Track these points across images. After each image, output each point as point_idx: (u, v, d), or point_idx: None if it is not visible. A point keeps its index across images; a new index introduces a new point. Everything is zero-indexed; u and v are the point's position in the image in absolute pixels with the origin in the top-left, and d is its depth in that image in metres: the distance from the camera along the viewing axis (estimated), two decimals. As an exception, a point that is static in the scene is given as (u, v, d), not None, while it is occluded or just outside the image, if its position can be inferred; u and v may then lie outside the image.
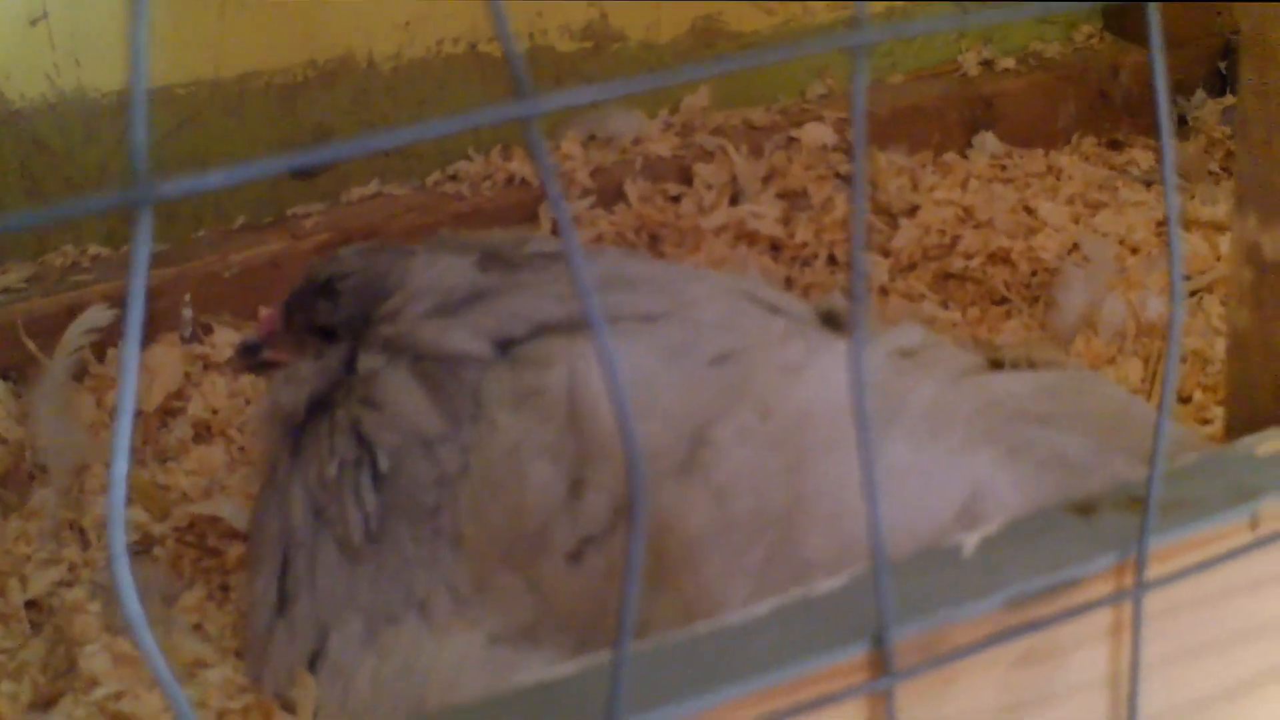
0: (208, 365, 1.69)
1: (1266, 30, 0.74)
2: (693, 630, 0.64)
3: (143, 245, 0.46)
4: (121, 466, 0.48)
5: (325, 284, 1.22)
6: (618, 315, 1.08)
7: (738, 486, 0.96)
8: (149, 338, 1.69)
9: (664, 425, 1.00)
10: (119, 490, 0.48)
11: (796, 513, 0.94)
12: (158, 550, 1.45)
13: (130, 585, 0.49)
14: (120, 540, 0.48)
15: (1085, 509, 0.70)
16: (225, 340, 1.70)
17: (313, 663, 1.15)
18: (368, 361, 1.16)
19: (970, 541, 0.68)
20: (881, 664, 0.62)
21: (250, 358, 1.31)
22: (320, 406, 1.19)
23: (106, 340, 1.66)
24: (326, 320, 1.21)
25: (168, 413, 1.64)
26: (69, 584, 1.39)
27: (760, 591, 0.92)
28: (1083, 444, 0.94)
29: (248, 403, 1.63)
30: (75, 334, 1.59)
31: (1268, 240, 0.78)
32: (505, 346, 1.12)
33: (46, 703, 1.19)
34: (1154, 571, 0.68)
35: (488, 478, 1.07)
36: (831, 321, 1.12)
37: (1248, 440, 0.75)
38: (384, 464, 1.12)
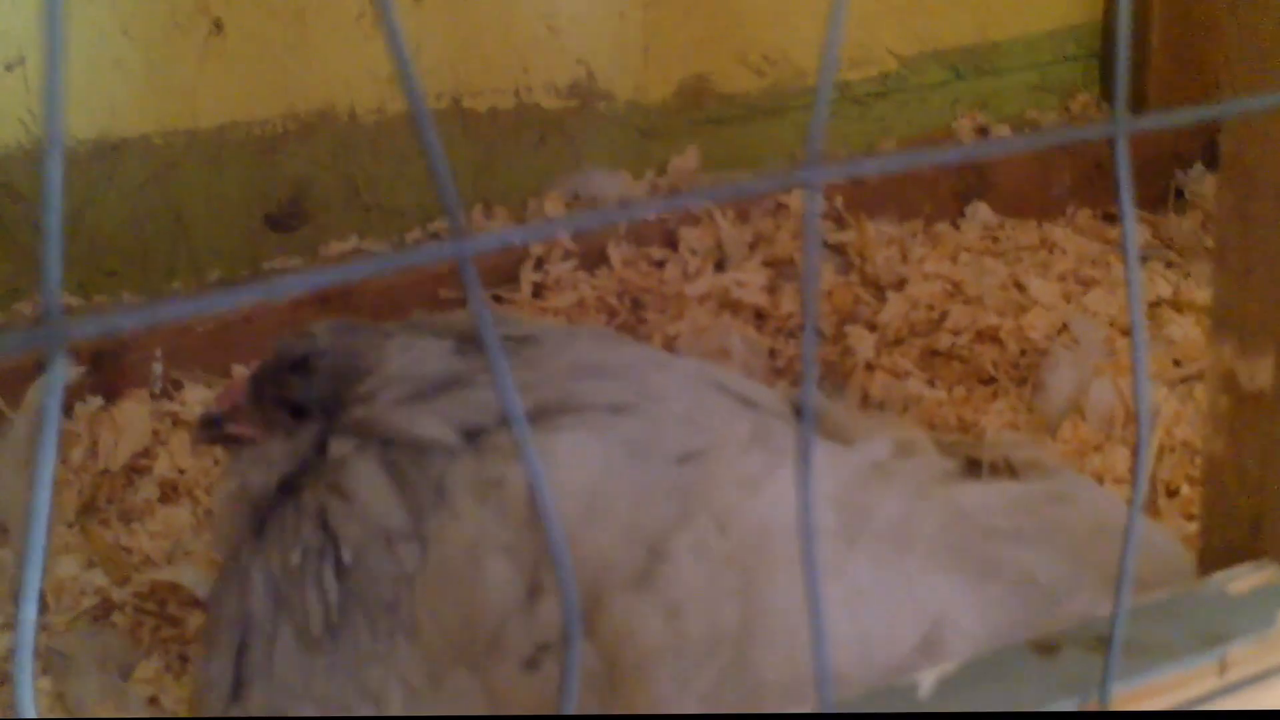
0: (176, 422, 1.66)
1: (1246, 153, 0.71)
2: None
3: (57, 381, 0.44)
4: (31, 610, 0.46)
5: (300, 360, 1.19)
6: (584, 404, 1.05)
7: (692, 604, 0.92)
8: (118, 392, 1.66)
9: (621, 534, 0.96)
10: (27, 639, 0.45)
11: (751, 633, 0.90)
12: (117, 616, 1.42)
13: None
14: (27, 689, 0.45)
15: (1047, 648, 0.68)
16: (195, 397, 1.67)
17: None
18: (339, 446, 1.13)
19: (927, 680, 0.65)
20: (824, 818, 0.59)
21: (212, 430, 1.27)
22: (288, 489, 1.16)
23: (74, 396, 1.63)
24: (299, 397, 1.17)
25: (134, 470, 1.61)
26: (24, 648, 1.35)
27: (712, 711, 0.89)
28: (1054, 564, 0.91)
29: (215, 463, 1.60)
30: (39, 391, 1.56)
31: (1244, 369, 0.75)
32: (474, 436, 1.09)
33: (-16, 782, 1.16)
34: (1117, 717, 0.65)
35: (445, 570, 1.04)
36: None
37: (1220, 576, 0.73)
38: (347, 556, 1.08)
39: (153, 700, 1.30)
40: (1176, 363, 1.63)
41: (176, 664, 1.36)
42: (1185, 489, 1.41)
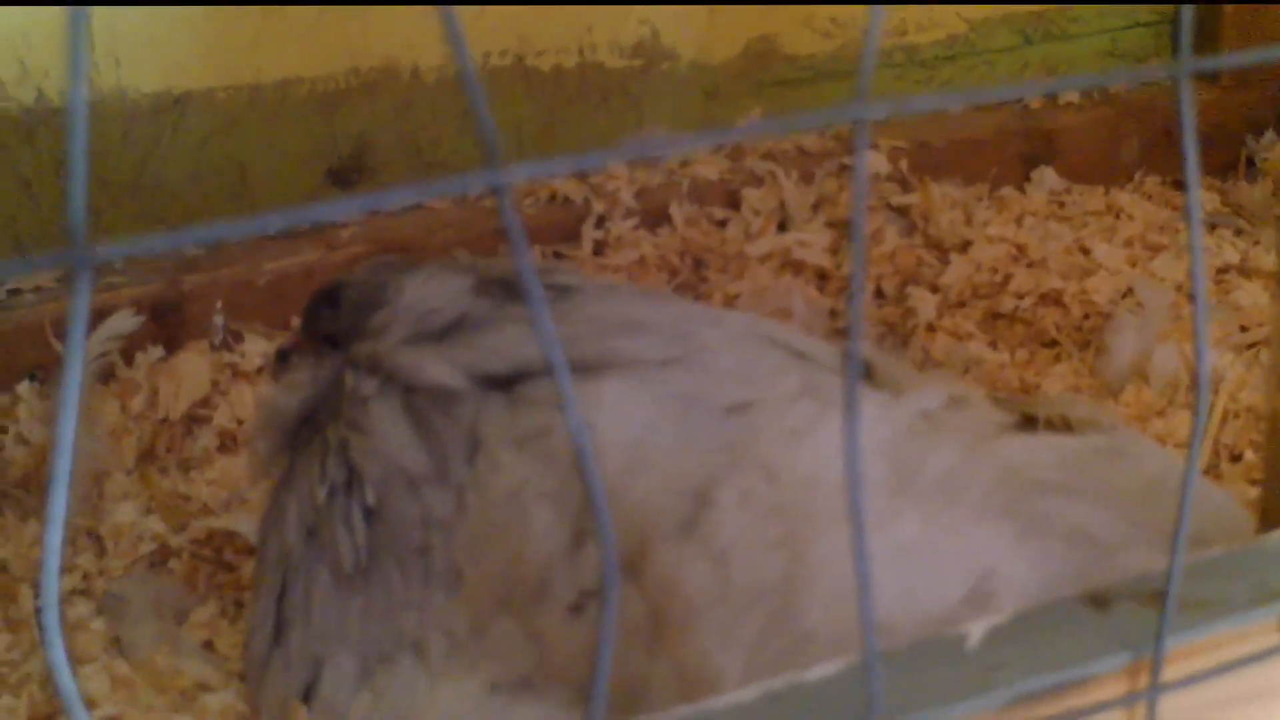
0: (236, 374, 1.66)
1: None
2: (677, 713, 0.60)
3: (81, 304, 0.44)
4: (56, 537, 0.46)
5: (331, 292, 1.20)
6: (627, 359, 1.04)
7: (738, 553, 0.92)
8: (179, 343, 1.67)
9: (666, 482, 0.96)
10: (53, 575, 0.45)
11: (797, 583, 0.90)
12: (173, 562, 1.43)
13: (65, 664, 0.46)
14: (55, 625, 0.45)
15: (1100, 601, 0.66)
16: (255, 349, 1.67)
17: (307, 695, 1.12)
18: (356, 382, 1.14)
19: (976, 632, 0.64)
20: (869, 764, 0.58)
21: (282, 364, 1.29)
22: (313, 418, 1.17)
23: (135, 345, 1.64)
24: (328, 328, 1.19)
25: (193, 420, 1.61)
26: (82, 592, 1.37)
27: (756, 661, 0.88)
28: (1107, 520, 0.90)
29: (275, 414, 1.61)
30: (99, 340, 1.57)
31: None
32: (485, 382, 1.09)
33: (44, 720, 1.17)
34: (1170, 672, 0.63)
35: (488, 520, 1.04)
36: (865, 369, 1.08)
37: (1278, 534, 0.71)
38: (370, 497, 1.09)
39: (207, 645, 1.31)
40: (1243, 328, 1.60)
41: (231, 609, 1.37)
42: (1249, 454, 1.39)
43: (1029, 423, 1.02)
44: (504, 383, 1.08)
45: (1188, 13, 0.58)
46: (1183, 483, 0.72)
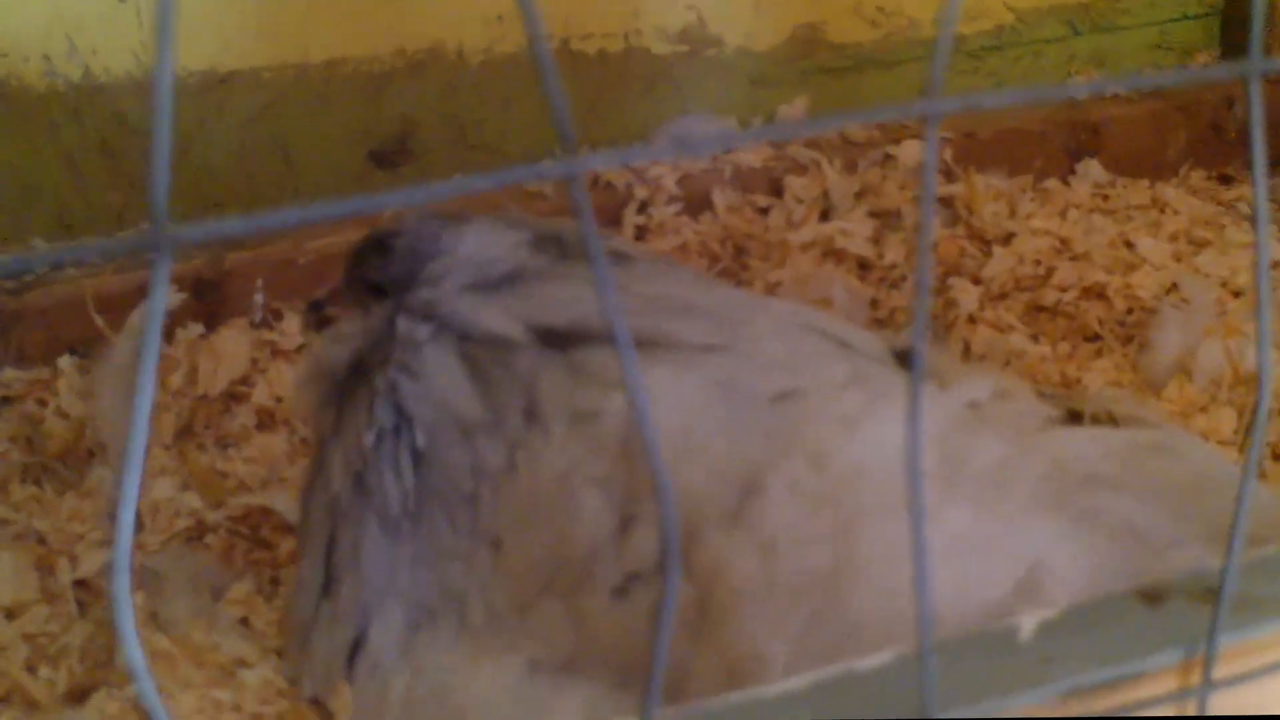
0: (275, 352, 1.67)
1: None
2: (726, 700, 0.60)
3: (161, 285, 0.44)
4: (129, 515, 0.46)
5: (380, 241, 1.20)
6: (675, 341, 1.04)
7: (786, 543, 0.91)
8: (219, 320, 1.68)
9: (713, 469, 0.95)
10: (126, 534, 0.45)
11: (845, 574, 0.89)
12: (210, 538, 1.43)
13: (132, 628, 0.46)
14: (124, 587, 0.45)
15: (1153, 597, 0.66)
16: (295, 328, 1.68)
17: (353, 652, 1.12)
18: (406, 325, 1.13)
19: (1028, 624, 0.63)
20: (920, 754, 0.58)
21: (316, 314, 1.29)
22: (362, 368, 1.17)
23: (175, 323, 1.64)
24: (377, 276, 1.18)
25: (232, 398, 1.62)
26: (120, 568, 1.37)
27: (803, 652, 0.88)
28: (1157, 516, 0.89)
29: (313, 393, 1.61)
30: (142, 315, 1.57)
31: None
32: (544, 336, 1.08)
33: (82, 692, 1.17)
34: (1222, 671, 0.63)
35: (535, 497, 1.04)
36: (906, 360, 1.08)
37: (1337, 531, 0.71)
38: (420, 440, 1.09)
39: (243, 621, 1.31)
40: (1287, 327, 1.59)
41: (268, 587, 1.37)
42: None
43: (1074, 417, 1.01)
44: (561, 339, 1.08)
45: (1259, 9, 0.58)
46: (1235, 479, 0.71)
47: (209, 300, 1.67)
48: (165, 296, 0.45)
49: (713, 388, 1.00)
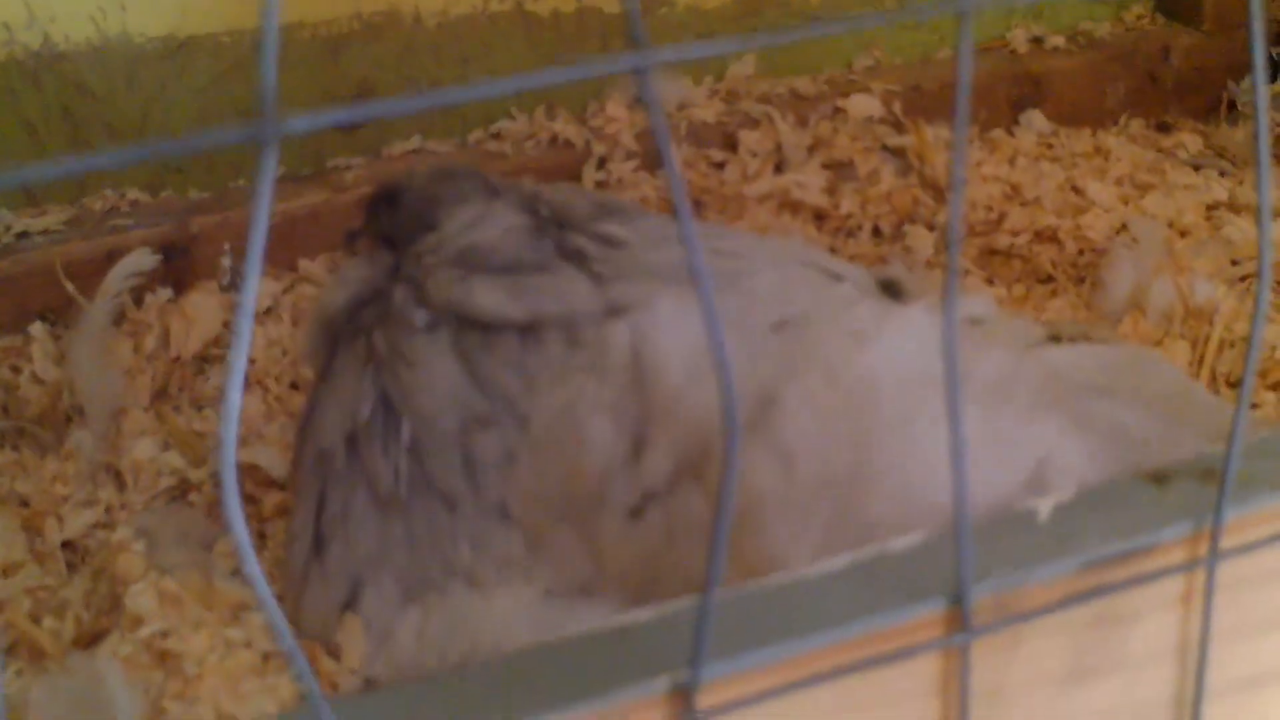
0: (246, 314, 1.68)
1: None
2: (771, 581, 0.64)
3: (267, 177, 0.47)
4: (238, 379, 0.48)
5: (390, 193, 1.23)
6: (678, 278, 1.07)
7: (804, 448, 0.95)
8: (187, 284, 1.69)
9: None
10: (235, 391, 0.48)
11: (862, 479, 0.93)
12: (194, 496, 1.45)
13: (235, 492, 0.48)
14: (231, 441, 0.48)
15: (1160, 478, 0.70)
16: (263, 290, 1.69)
17: (344, 610, 1.14)
18: (402, 300, 1.15)
19: (1045, 506, 0.67)
20: (957, 621, 0.62)
21: (351, 244, 1.32)
22: (357, 317, 1.19)
23: (145, 286, 1.65)
24: (386, 229, 1.21)
25: (205, 360, 1.63)
26: (106, 526, 1.39)
27: (824, 553, 0.91)
28: (1145, 419, 0.93)
29: (284, 353, 1.63)
30: (117, 277, 1.58)
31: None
32: (538, 322, 1.11)
33: (90, 639, 1.18)
34: (1226, 543, 0.67)
35: (544, 440, 1.06)
36: (891, 290, 1.11)
37: (1321, 418, 0.75)
38: (409, 434, 1.11)
39: (234, 573, 1.33)
40: (1234, 262, 1.64)
41: (255, 541, 1.39)
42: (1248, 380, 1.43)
43: (1055, 340, 1.06)
44: (556, 324, 1.10)
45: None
46: (1208, 393, 0.75)
47: (177, 265, 1.69)
48: (271, 187, 0.48)
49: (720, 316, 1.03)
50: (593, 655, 0.59)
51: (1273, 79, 2.09)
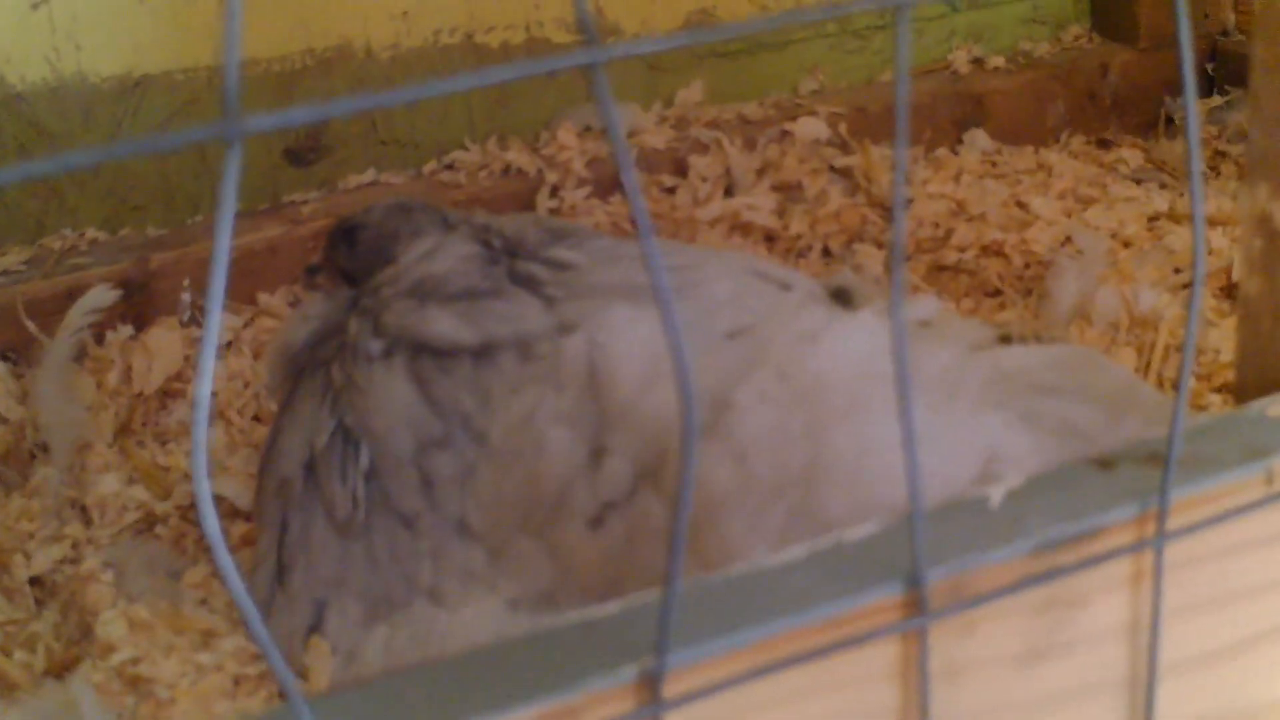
0: (207, 348, 1.69)
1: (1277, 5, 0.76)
2: (733, 571, 0.66)
3: (231, 176, 0.48)
4: (206, 388, 0.50)
5: (349, 229, 1.25)
6: (632, 289, 1.09)
7: (759, 447, 0.97)
8: (147, 320, 1.70)
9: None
10: (203, 412, 0.49)
11: (816, 474, 0.95)
12: (160, 529, 1.46)
13: (209, 500, 0.50)
14: (202, 461, 0.49)
15: (1106, 463, 0.72)
16: (224, 324, 1.70)
17: (308, 635, 1.15)
18: (358, 330, 1.18)
19: (997, 493, 0.70)
20: (914, 605, 0.64)
21: (310, 278, 1.34)
22: (317, 351, 1.21)
23: (105, 323, 1.66)
24: (345, 265, 1.23)
25: (167, 394, 1.65)
26: (73, 561, 1.39)
27: (780, 549, 0.93)
28: (1093, 414, 0.96)
29: (246, 386, 1.64)
30: (77, 314, 1.59)
31: (1277, 210, 0.80)
32: (490, 346, 1.13)
33: (62, 669, 1.19)
34: (1172, 523, 0.69)
35: (503, 453, 1.08)
36: (841, 298, 1.14)
37: (1260, 402, 0.77)
38: (367, 459, 1.13)
39: (202, 603, 1.34)
40: (1176, 270, 1.68)
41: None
42: (1192, 383, 1.47)
43: (1005, 341, 1.08)
44: (508, 344, 1.12)
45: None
46: (1155, 391, 0.78)
47: (137, 301, 1.70)
48: (236, 185, 0.49)
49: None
50: (559, 647, 0.61)
51: (1206, 94, 2.14)
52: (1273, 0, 0.77)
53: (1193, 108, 0.64)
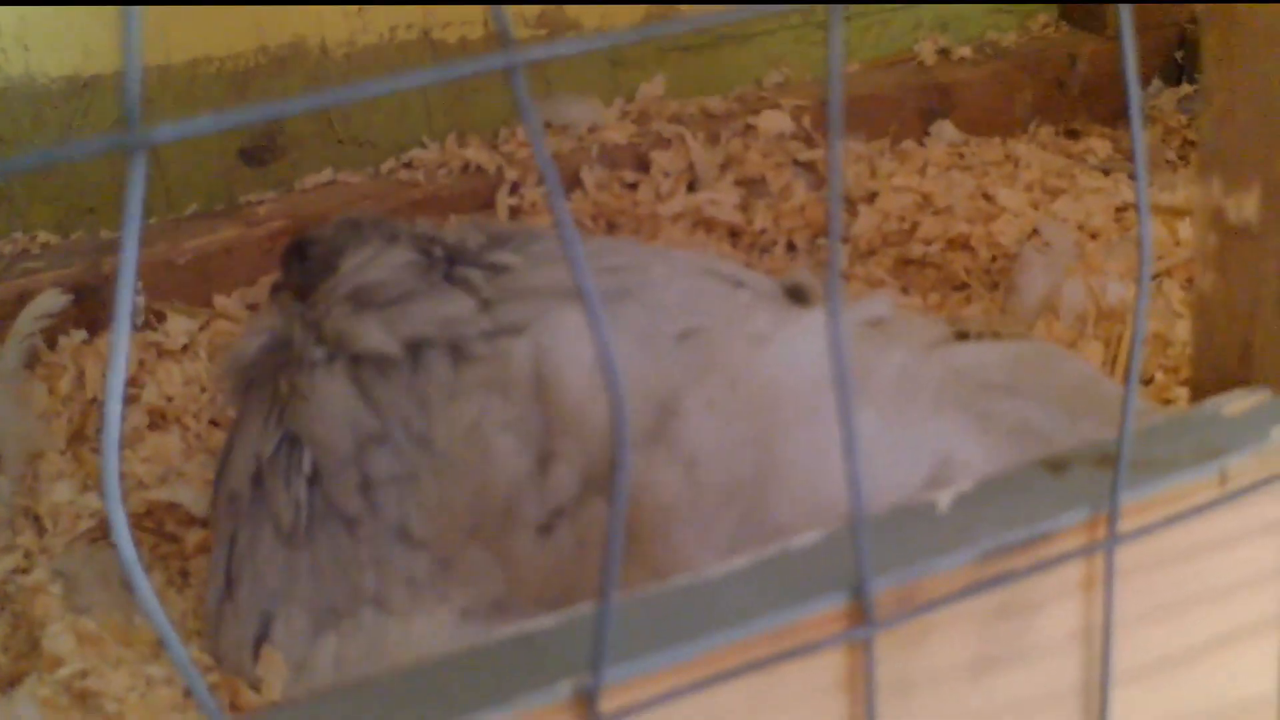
0: (162, 353, 1.67)
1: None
2: (673, 583, 0.64)
3: (136, 188, 0.46)
4: (115, 413, 0.48)
5: (301, 246, 1.24)
6: (562, 298, 1.08)
7: (707, 455, 0.95)
8: (101, 325, 1.68)
9: (631, 398, 0.99)
10: (112, 446, 0.47)
11: (766, 481, 0.93)
12: (115, 537, 1.43)
13: (127, 533, 0.48)
14: (115, 493, 0.47)
15: (1057, 466, 0.71)
16: (179, 328, 1.68)
17: (257, 647, 1.14)
18: (302, 340, 1.17)
19: (945, 498, 0.68)
20: (860, 614, 0.62)
21: (275, 296, 1.33)
22: (265, 364, 1.20)
23: (58, 328, 1.64)
24: (296, 281, 1.23)
25: (121, 400, 1.62)
26: (25, 570, 1.37)
27: (730, 557, 0.92)
28: (1050, 414, 0.94)
29: (202, 390, 1.62)
30: (28, 319, 1.57)
31: (1231, 205, 0.78)
32: (423, 346, 1.12)
33: (9, 683, 1.17)
34: (1125, 526, 0.68)
35: (450, 459, 1.06)
36: (797, 295, 1.12)
37: (1215, 400, 0.76)
38: (309, 464, 1.12)
39: (156, 613, 1.32)
40: (1143, 260, 1.66)
41: (178, 579, 1.38)
42: (1159, 376, 1.45)
43: (962, 338, 1.07)
44: (437, 345, 1.11)
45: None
46: (1114, 385, 0.76)
47: (89, 306, 1.67)
48: (141, 198, 0.48)
49: (622, 331, 1.04)
50: (494, 663, 0.59)
51: (1176, 82, 2.12)
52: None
53: (1136, 107, 0.62)
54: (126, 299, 0.49)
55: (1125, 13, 0.61)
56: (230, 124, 0.48)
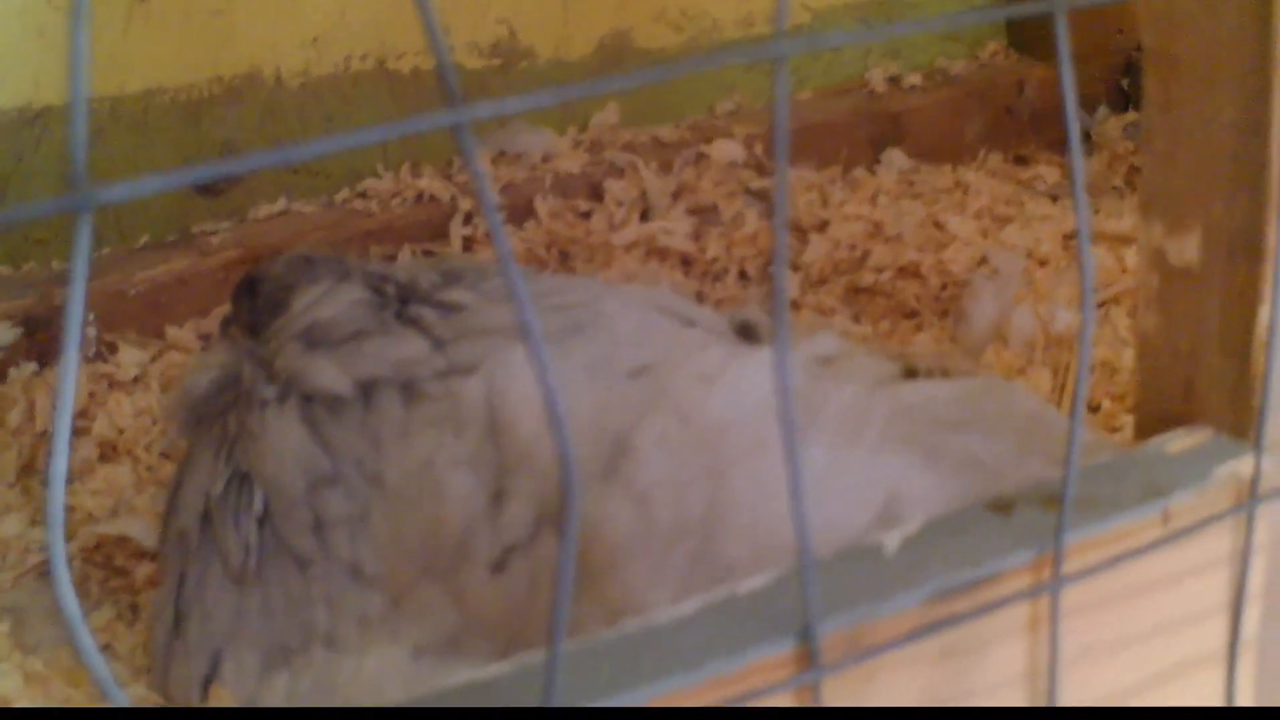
0: (113, 384, 1.66)
1: (1169, 43, 0.75)
2: (621, 628, 0.64)
3: (82, 248, 0.46)
4: (61, 465, 0.48)
5: (252, 282, 1.24)
6: (513, 336, 1.08)
7: (659, 492, 0.96)
8: (52, 357, 1.67)
9: (583, 435, 0.99)
10: (58, 491, 0.47)
11: (717, 518, 0.94)
12: (65, 571, 1.42)
13: (67, 578, 0.48)
14: (59, 539, 0.47)
15: (1002, 506, 0.71)
16: (130, 359, 1.68)
17: (206, 686, 1.14)
18: (252, 377, 1.17)
19: (892, 539, 0.68)
20: (808, 658, 0.62)
21: (224, 331, 1.33)
22: (215, 400, 1.19)
23: (8, 360, 1.63)
24: (247, 317, 1.22)
25: (72, 432, 1.61)
26: (-28, 606, 1.36)
27: (683, 596, 0.92)
28: (997, 449, 0.95)
29: (154, 422, 1.61)
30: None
31: (1173, 247, 0.79)
32: (374, 386, 1.12)
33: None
34: (1070, 566, 0.68)
35: (402, 496, 1.07)
36: (746, 332, 1.13)
37: (1158, 439, 0.77)
38: (260, 503, 1.12)
39: (106, 648, 1.31)
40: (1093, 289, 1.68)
41: (128, 614, 1.37)
42: (1106, 404, 1.46)
43: (911, 374, 1.07)
44: (389, 384, 1.11)
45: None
46: (1060, 417, 0.76)
47: (40, 338, 1.67)
48: (87, 258, 0.48)
49: (574, 366, 1.05)
50: (449, 710, 0.60)
51: (1123, 109, 2.14)
52: (1164, 40, 0.76)
53: (1075, 138, 0.63)
54: (74, 340, 0.49)
55: (1063, 41, 0.62)
56: (178, 183, 0.48)
